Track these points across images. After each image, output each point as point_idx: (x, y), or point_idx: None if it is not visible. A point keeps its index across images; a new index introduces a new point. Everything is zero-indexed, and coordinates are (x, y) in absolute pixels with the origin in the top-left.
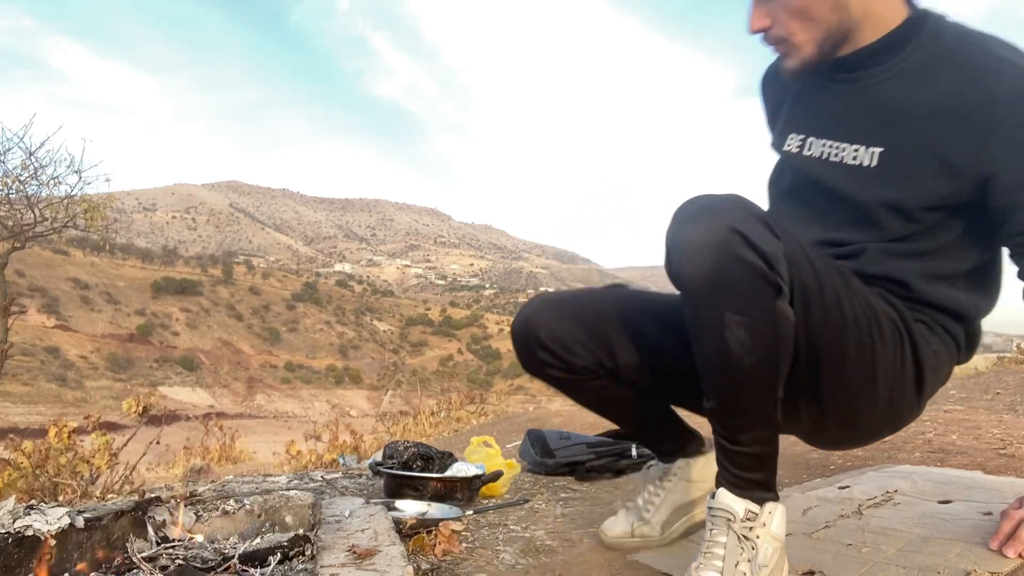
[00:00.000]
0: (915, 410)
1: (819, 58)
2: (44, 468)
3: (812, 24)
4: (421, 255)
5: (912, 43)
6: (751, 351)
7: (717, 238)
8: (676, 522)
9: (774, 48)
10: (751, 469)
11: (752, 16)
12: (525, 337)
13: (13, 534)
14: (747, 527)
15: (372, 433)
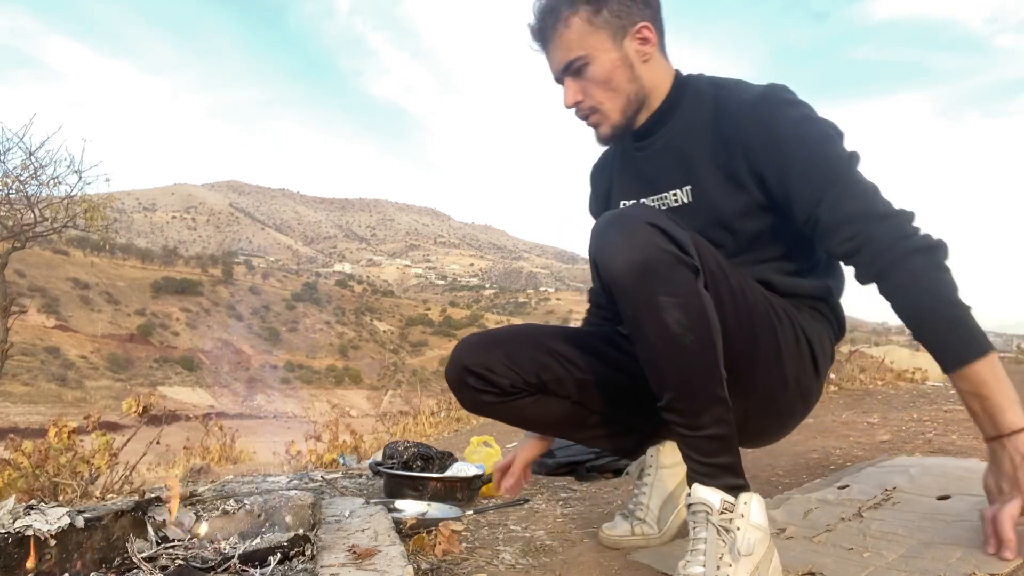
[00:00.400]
0: (817, 389)
1: (625, 124)
2: (44, 468)
3: (616, 93)
4: (421, 255)
5: (684, 100)
6: (689, 328)
7: (638, 234)
8: (669, 515)
9: (587, 119)
10: (716, 453)
11: (567, 92)
12: (453, 370)
13: (13, 534)
14: (726, 519)
15: (372, 433)
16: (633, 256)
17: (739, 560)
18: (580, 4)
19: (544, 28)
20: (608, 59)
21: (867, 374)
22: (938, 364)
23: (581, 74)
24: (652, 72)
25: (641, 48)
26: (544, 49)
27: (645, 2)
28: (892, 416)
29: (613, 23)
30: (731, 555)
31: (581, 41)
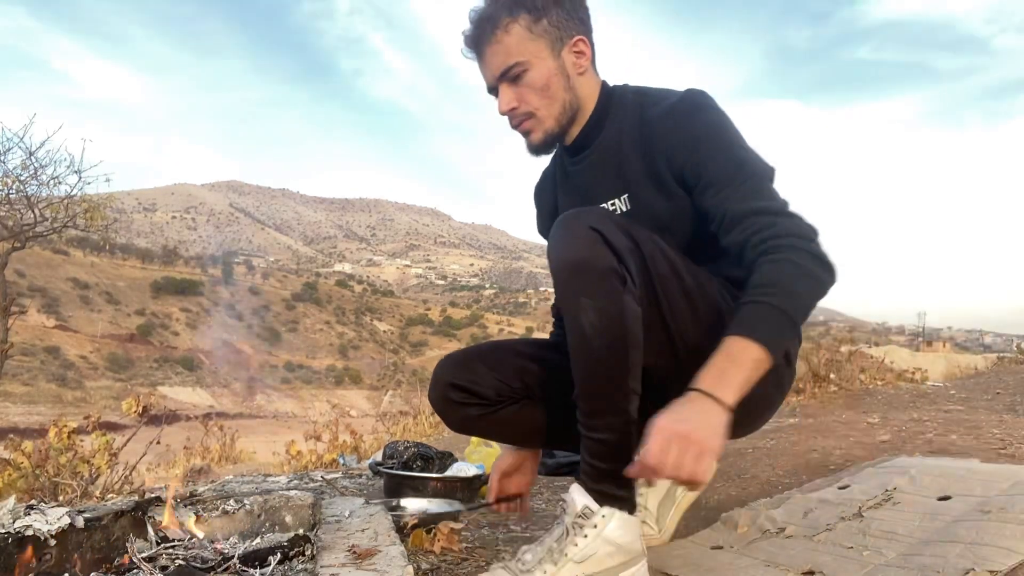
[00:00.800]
0: (789, 375)
1: (558, 131)
2: (44, 468)
3: (552, 101)
4: (421, 255)
5: (611, 111)
6: (600, 333)
7: (577, 235)
8: (667, 514)
9: (521, 125)
10: (601, 457)
11: (502, 98)
12: (436, 388)
13: (13, 534)
14: (578, 523)
15: (372, 433)
16: (567, 255)
17: (565, 565)
18: (521, 12)
19: (481, 35)
20: (546, 67)
21: (867, 374)
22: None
23: (518, 80)
24: (585, 85)
25: (577, 61)
26: (479, 56)
27: (581, 19)
28: (892, 416)
29: (552, 33)
30: (560, 556)
31: (520, 47)
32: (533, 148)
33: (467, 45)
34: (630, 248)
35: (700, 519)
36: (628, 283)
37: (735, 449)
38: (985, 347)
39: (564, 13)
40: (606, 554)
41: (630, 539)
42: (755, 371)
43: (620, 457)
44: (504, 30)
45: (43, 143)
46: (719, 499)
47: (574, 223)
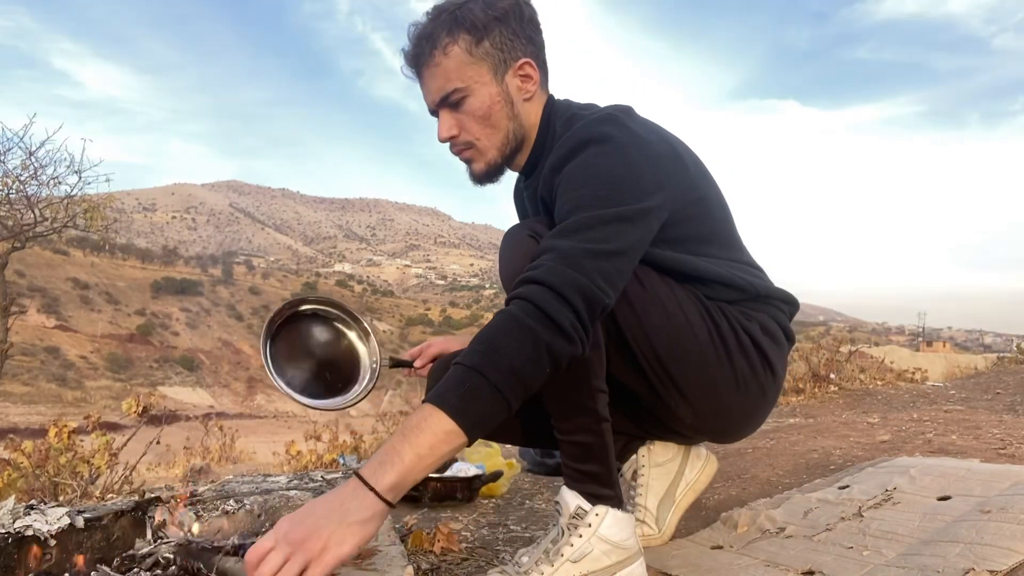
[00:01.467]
0: (773, 380)
1: (501, 162)
2: (44, 468)
3: (495, 130)
4: (421, 255)
5: (547, 140)
6: None
7: (520, 244)
8: (667, 514)
9: (462, 154)
10: (581, 459)
11: (441, 125)
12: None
13: (13, 534)
14: (573, 523)
15: (372, 433)
16: (511, 266)
17: (562, 565)
18: (461, 33)
19: (420, 55)
20: (488, 93)
21: (867, 374)
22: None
23: (458, 107)
24: (532, 111)
25: (522, 85)
26: (419, 77)
27: (528, 38)
28: (892, 416)
29: (495, 56)
30: (556, 556)
31: (460, 72)
32: (475, 179)
33: (407, 63)
34: None
35: (700, 519)
36: None
37: (735, 449)
38: (985, 347)
39: (509, 32)
40: (602, 552)
41: (625, 536)
42: (441, 444)
43: (598, 457)
44: (443, 51)
45: (43, 143)
46: (719, 499)
47: (516, 234)
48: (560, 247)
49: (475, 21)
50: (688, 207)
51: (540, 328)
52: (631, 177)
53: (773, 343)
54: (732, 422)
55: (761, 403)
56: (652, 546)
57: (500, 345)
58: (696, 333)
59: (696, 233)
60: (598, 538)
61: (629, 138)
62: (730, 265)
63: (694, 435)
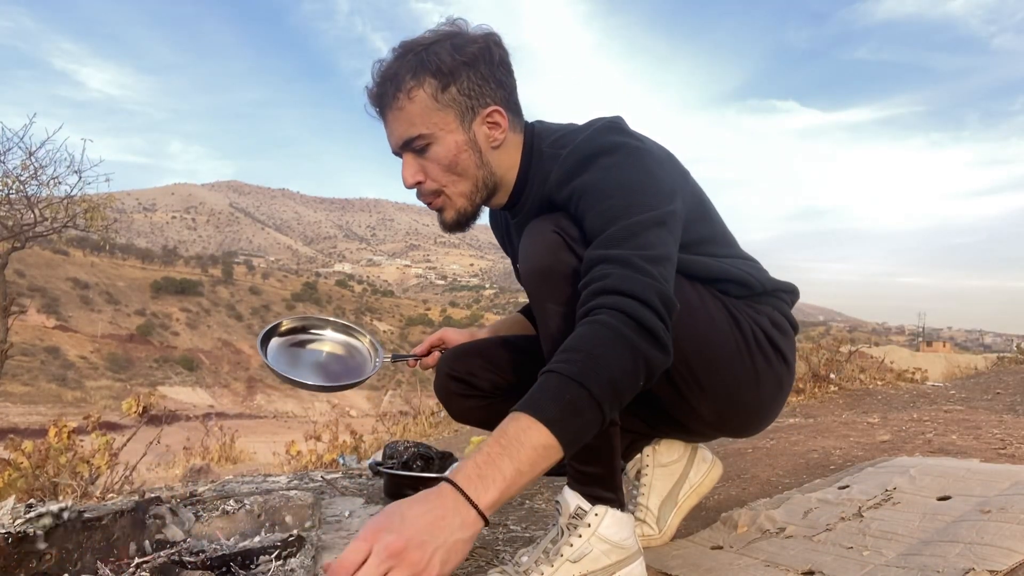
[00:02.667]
0: (790, 371)
1: (473, 211)
2: (44, 468)
3: (461, 179)
4: (421, 255)
5: (531, 167)
6: (567, 337)
7: (543, 240)
8: (668, 515)
9: (430, 203)
10: (586, 461)
11: (405, 169)
12: (438, 380)
13: (13, 534)
14: (572, 523)
15: (372, 433)
16: (533, 263)
17: (561, 564)
18: (426, 77)
19: (383, 95)
20: (453, 141)
21: (867, 374)
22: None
23: (423, 153)
24: (503, 157)
25: (491, 133)
26: (382, 117)
27: (498, 82)
28: (892, 416)
29: (461, 103)
30: (556, 556)
31: (424, 118)
32: (447, 227)
33: (371, 102)
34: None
35: (700, 519)
36: None
37: (735, 449)
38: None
39: (477, 78)
40: (601, 552)
41: (624, 536)
42: (539, 460)
43: (603, 460)
44: (407, 95)
45: (43, 143)
46: (719, 499)
47: (539, 229)
48: (618, 257)
49: (441, 66)
50: (693, 210)
51: (637, 339)
52: (653, 183)
53: (782, 334)
54: (752, 417)
55: (778, 395)
56: (652, 546)
57: (599, 355)
58: (719, 329)
59: (700, 234)
60: (597, 538)
61: (639, 145)
62: (733, 262)
63: (712, 432)
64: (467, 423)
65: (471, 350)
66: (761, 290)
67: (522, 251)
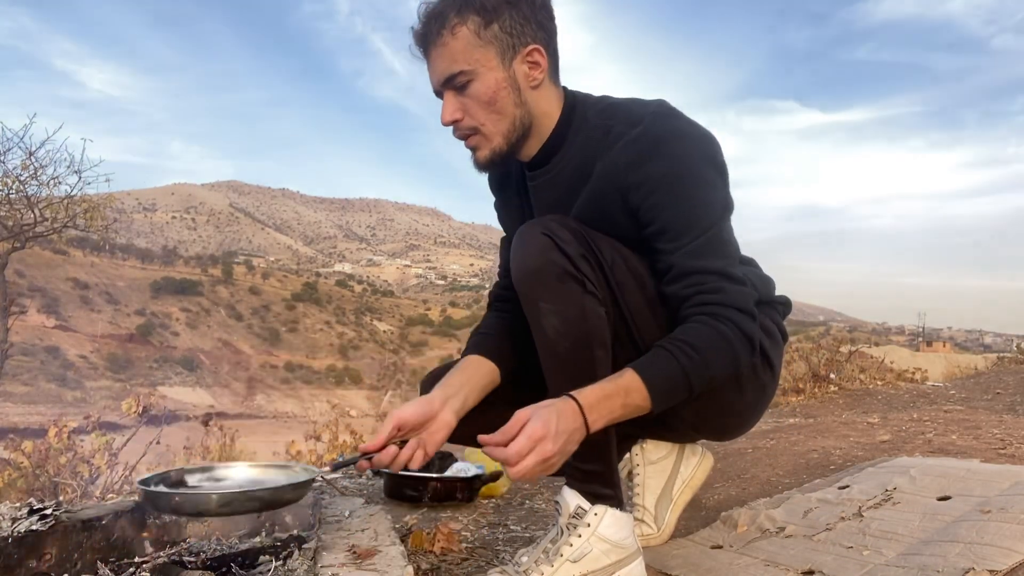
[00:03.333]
0: (775, 378)
1: (507, 150)
2: (44, 468)
3: (500, 116)
4: (421, 255)
5: (571, 131)
6: (564, 335)
7: (533, 244)
8: (665, 512)
9: (467, 140)
10: (584, 458)
11: (445, 107)
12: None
13: (13, 534)
14: (572, 523)
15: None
16: (525, 264)
17: (561, 564)
18: (470, 14)
19: (428, 34)
20: (494, 78)
21: (867, 374)
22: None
23: (463, 90)
24: (540, 99)
25: (530, 72)
26: (426, 57)
27: (539, 24)
28: (892, 416)
29: (503, 40)
30: (556, 556)
31: (467, 54)
32: (480, 166)
33: (415, 41)
34: (584, 254)
35: (700, 519)
36: (588, 285)
37: (735, 449)
38: (985, 347)
39: (519, 17)
40: (601, 552)
41: (624, 536)
42: (629, 412)
43: (601, 457)
44: (451, 32)
45: (43, 143)
46: (719, 499)
47: (529, 232)
48: (719, 270)
49: (485, 3)
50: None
51: (740, 348)
52: (719, 176)
53: (772, 341)
54: (732, 420)
55: (761, 401)
56: (652, 545)
57: (710, 360)
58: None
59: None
60: (597, 537)
61: (703, 133)
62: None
63: (694, 434)
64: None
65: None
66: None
67: (513, 253)
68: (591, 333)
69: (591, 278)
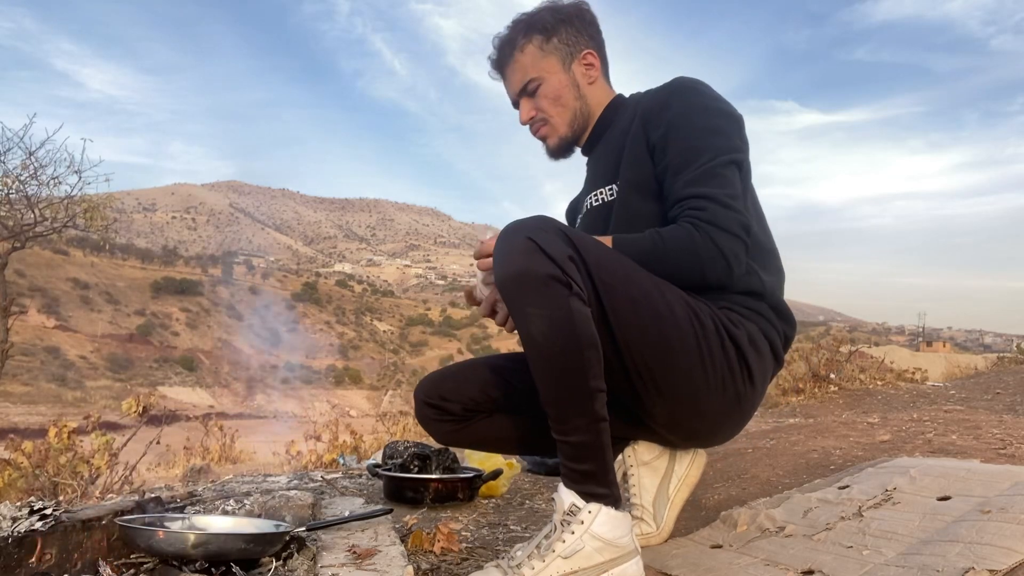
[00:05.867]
0: (751, 392)
1: (572, 136)
2: (44, 468)
3: (564, 109)
4: (421, 255)
5: (617, 113)
6: (551, 339)
7: (515, 248)
8: (663, 511)
9: (539, 132)
10: (578, 459)
11: (522, 111)
12: (416, 407)
13: (13, 534)
14: (566, 520)
15: (372, 433)
16: (509, 269)
17: (553, 561)
18: (533, 34)
19: (503, 57)
20: (557, 79)
21: (867, 374)
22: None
23: (535, 94)
24: (596, 93)
25: (587, 72)
26: (503, 76)
27: (590, 35)
28: (892, 416)
29: (562, 50)
30: (548, 552)
31: (535, 65)
32: (551, 152)
33: (493, 68)
34: (569, 255)
35: (700, 518)
36: (574, 287)
37: (735, 449)
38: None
39: (572, 31)
40: (594, 549)
41: (618, 535)
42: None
43: (595, 457)
44: (520, 50)
45: (43, 143)
46: (719, 498)
47: (511, 235)
48: (708, 193)
49: (545, 24)
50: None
51: (710, 263)
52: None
53: (756, 354)
54: (704, 426)
55: (735, 410)
56: (651, 544)
57: (670, 249)
58: (680, 327)
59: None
60: (590, 535)
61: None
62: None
63: (669, 435)
64: (449, 445)
65: (443, 374)
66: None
67: (495, 256)
68: (579, 335)
69: (576, 280)
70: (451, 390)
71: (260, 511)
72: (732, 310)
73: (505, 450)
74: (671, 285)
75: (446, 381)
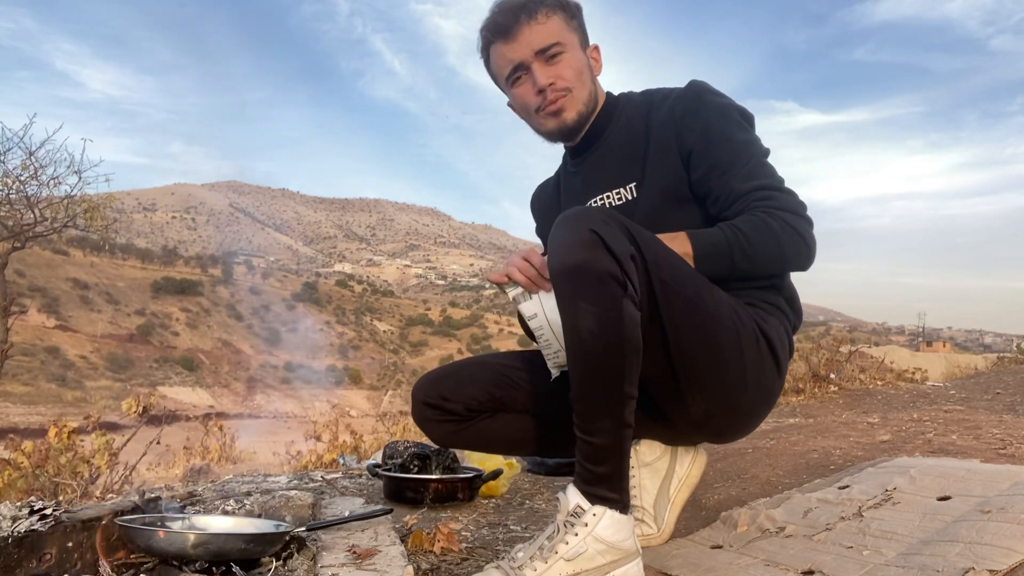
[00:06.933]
0: (778, 386)
1: (586, 114)
2: (44, 468)
3: (583, 86)
4: (421, 255)
5: (617, 111)
6: (598, 339)
7: (579, 237)
8: (663, 511)
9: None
10: (597, 461)
11: (540, 73)
12: (414, 408)
13: (13, 534)
14: (570, 522)
15: (372, 433)
16: (568, 259)
17: (555, 562)
18: (558, 9)
19: (518, 15)
20: (580, 55)
21: (867, 374)
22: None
23: (553, 60)
24: (599, 88)
25: (595, 64)
26: (510, 36)
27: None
28: (892, 416)
29: (580, 33)
30: (551, 553)
31: (562, 33)
32: (567, 125)
33: (495, 25)
34: (632, 253)
35: (700, 518)
36: (629, 288)
37: (735, 449)
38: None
39: (584, 23)
40: (596, 552)
41: (621, 538)
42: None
43: (614, 461)
44: (545, 15)
45: (43, 143)
46: (719, 499)
47: (574, 225)
48: (770, 185)
49: (567, 4)
50: None
51: (790, 245)
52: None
53: (784, 349)
54: (738, 421)
55: (766, 406)
56: (652, 545)
57: (754, 241)
58: (728, 327)
59: None
60: (593, 538)
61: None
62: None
63: (693, 432)
64: (448, 447)
65: (444, 374)
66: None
67: (554, 243)
68: (626, 339)
69: (634, 281)
70: (452, 390)
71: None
72: (757, 307)
73: (506, 451)
74: (715, 286)
75: (446, 380)
